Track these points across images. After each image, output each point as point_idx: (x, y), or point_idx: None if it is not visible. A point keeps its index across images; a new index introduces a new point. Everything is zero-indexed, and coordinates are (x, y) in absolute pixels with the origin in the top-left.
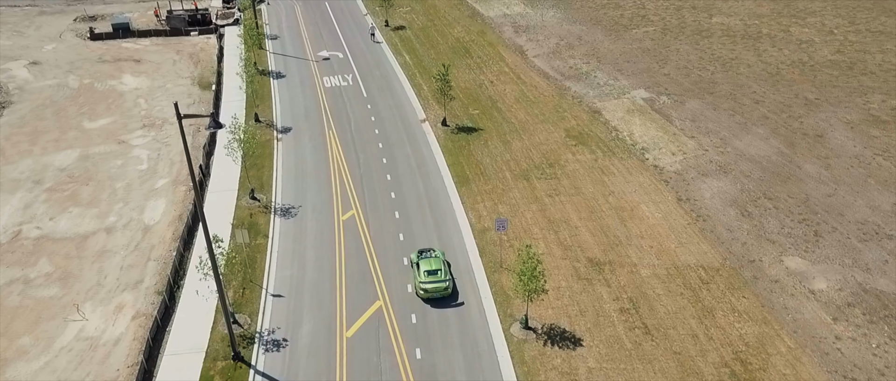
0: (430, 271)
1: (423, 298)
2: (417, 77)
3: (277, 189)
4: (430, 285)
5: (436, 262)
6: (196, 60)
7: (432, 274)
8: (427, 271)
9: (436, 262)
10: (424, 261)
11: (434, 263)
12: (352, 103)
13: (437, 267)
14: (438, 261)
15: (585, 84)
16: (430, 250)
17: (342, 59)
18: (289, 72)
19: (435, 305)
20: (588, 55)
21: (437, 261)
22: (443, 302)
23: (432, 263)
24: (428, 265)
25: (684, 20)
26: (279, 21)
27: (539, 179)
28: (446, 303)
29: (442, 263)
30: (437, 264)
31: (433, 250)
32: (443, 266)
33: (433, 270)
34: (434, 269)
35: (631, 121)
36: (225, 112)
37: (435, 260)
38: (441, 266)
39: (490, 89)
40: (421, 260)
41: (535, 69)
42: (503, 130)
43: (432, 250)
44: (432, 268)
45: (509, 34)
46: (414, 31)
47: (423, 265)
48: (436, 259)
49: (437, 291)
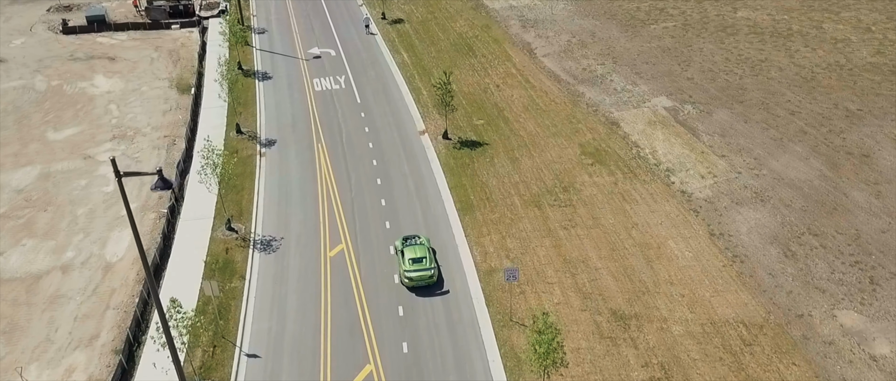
0: (414, 259)
1: (408, 286)
2: (416, 80)
3: (258, 216)
4: (415, 273)
5: (421, 249)
6: (176, 58)
7: (417, 262)
8: (412, 259)
9: (421, 249)
10: (409, 248)
11: (419, 250)
12: (344, 111)
13: (422, 255)
14: (423, 248)
15: (601, 89)
16: (415, 237)
17: (334, 57)
18: (276, 72)
19: (421, 293)
20: (603, 55)
21: (422, 248)
22: (430, 294)
23: (417, 250)
24: (413, 253)
25: (707, 14)
26: (268, 12)
27: (552, 205)
28: (431, 292)
29: (427, 250)
30: (422, 251)
31: (418, 237)
32: (428, 254)
33: (418, 257)
34: (419, 256)
35: (653, 135)
36: (204, 121)
37: (420, 248)
38: (426, 254)
39: (496, 95)
40: (405, 248)
41: (545, 71)
42: (511, 145)
43: (417, 237)
44: (417, 256)
45: (516, 29)
46: (413, 24)
47: (407, 253)
48: (421, 246)
49: (422, 279)
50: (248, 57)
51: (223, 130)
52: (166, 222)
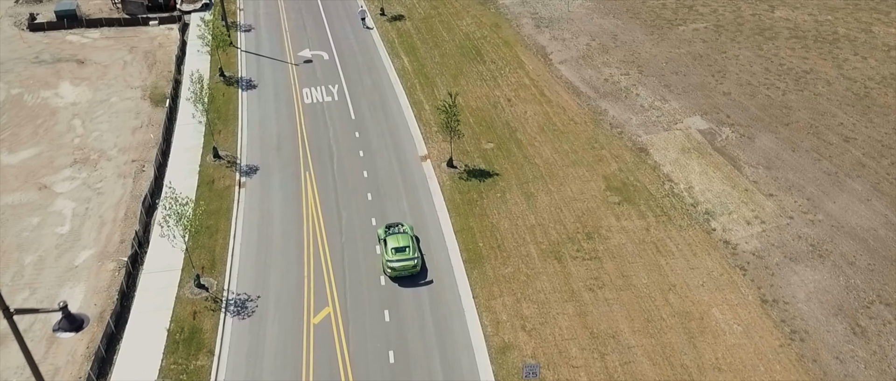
0: (397, 249)
1: (391, 276)
2: (417, 90)
3: (233, 269)
4: (398, 263)
5: (404, 238)
6: (151, 61)
7: (400, 251)
8: (395, 248)
9: (404, 238)
10: (392, 237)
11: (402, 239)
12: (336, 129)
13: (406, 244)
14: (407, 237)
15: (625, 106)
16: (398, 225)
17: (327, 61)
18: (262, 79)
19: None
20: (626, 62)
21: (406, 237)
22: (412, 283)
23: (400, 239)
24: (395, 242)
25: (741, 14)
26: (256, 6)
27: (575, 258)
28: (415, 281)
29: (410, 238)
30: (405, 240)
31: (401, 224)
32: (411, 243)
33: (401, 246)
34: (402, 246)
35: (687, 165)
36: (178, 142)
37: (403, 236)
38: (409, 243)
39: (507, 111)
40: (389, 236)
41: (562, 81)
42: (525, 176)
43: (400, 225)
44: (400, 245)
45: (529, 30)
46: (414, 22)
47: (390, 242)
48: (404, 235)
49: (406, 269)
50: (231, 61)
51: (199, 152)
52: (127, 274)
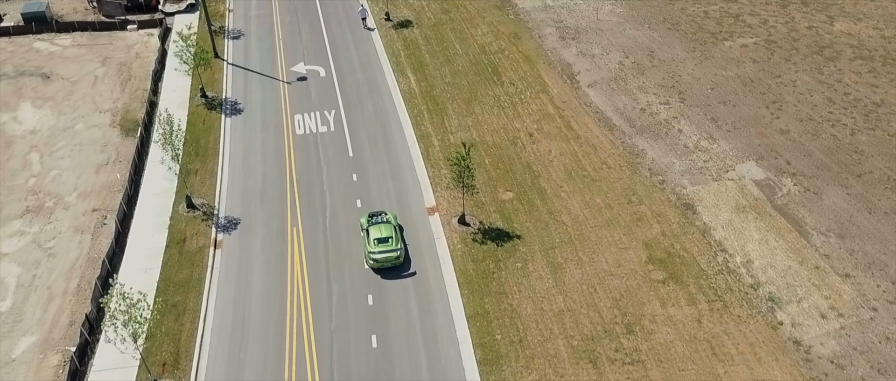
0: (380, 239)
1: (374, 267)
2: (425, 120)
3: (200, 365)
4: (381, 254)
5: (386, 228)
6: (126, 77)
7: (383, 242)
8: (377, 238)
9: (386, 228)
10: (375, 227)
11: (385, 229)
12: (331, 170)
13: (389, 234)
14: (389, 227)
15: (666, 145)
16: (381, 213)
17: (324, 78)
18: (250, 101)
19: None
20: (666, 87)
21: (389, 227)
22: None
23: (383, 229)
24: (378, 232)
25: (795, 27)
26: (248, 7)
27: (613, 361)
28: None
29: (393, 229)
30: (387, 230)
31: (384, 214)
32: (394, 233)
33: (384, 237)
34: (385, 236)
35: (743, 230)
36: (148, 186)
37: (386, 226)
38: (392, 233)
39: (528, 149)
40: (371, 226)
41: (592, 110)
42: (551, 239)
43: (383, 214)
44: (383, 235)
45: (553, 42)
46: (423, 30)
47: (372, 232)
48: (386, 225)
49: (389, 260)
50: (215, 77)
51: (171, 199)
52: (72, 372)
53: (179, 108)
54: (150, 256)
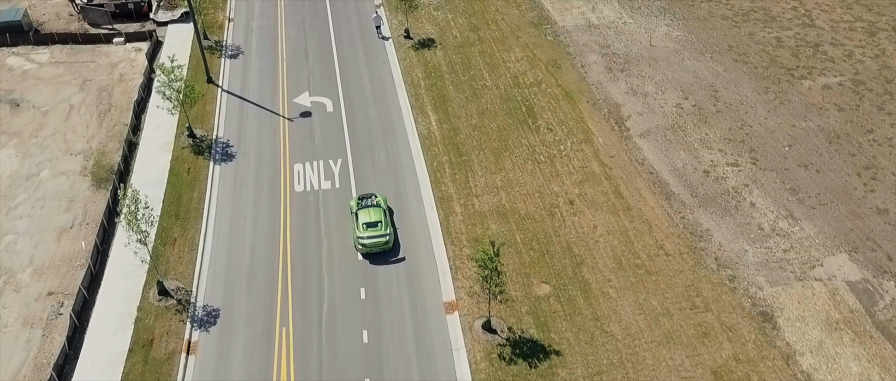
0: (369, 224)
1: (362, 252)
2: (446, 177)
3: None
4: (369, 239)
5: (375, 212)
6: (105, 105)
7: (372, 226)
8: (366, 223)
9: (375, 212)
10: (364, 211)
11: (374, 213)
12: (333, 244)
13: (378, 219)
14: (379, 211)
15: (737, 224)
16: (371, 196)
17: (331, 114)
18: (244, 144)
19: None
20: (733, 141)
21: (378, 211)
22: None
23: (372, 213)
24: (367, 216)
25: (887, 61)
26: (249, 18)
27: None
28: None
29: (383, 213)
30: (377, 214)
31: (374, 196)
32: (383, 217)
33: (373, 222)
34: (374, 221)
35: (838, 358)
36: (115, 261)
37: (375, 210)
38: (382, 217)
39: (568, 224)
40: (360, 210)
41: (645, 170)
42: (597, 361)
43: (373, 196)
44: (372, 220)
45: (598, 73)
46: (447, 52)
47: (361, 216)
48: (376, 209)
49: (377, 246)
50: (207, 109)
51: (141, 280)
52: None
53: (162, 150)
54: (107, 365)
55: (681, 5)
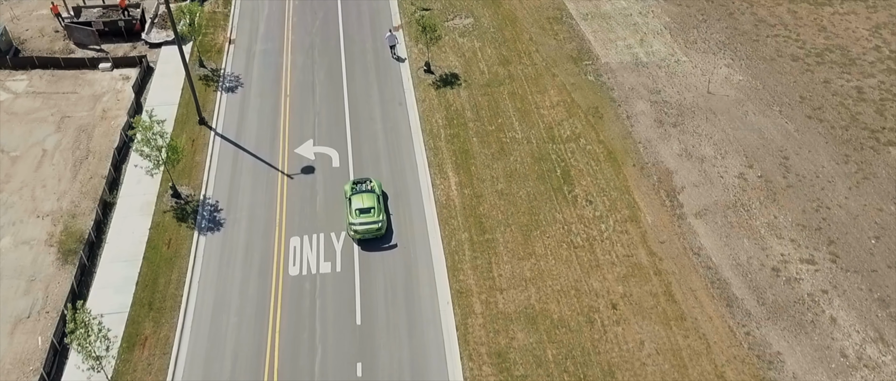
0: (362, 210)
1: (355, 239)
2: (465, 262)
3: None
4: (362, 226)
5: (369, 198)
6: (83, 151)
7: (364, 212)
8: (359, 209)
9: (369, 198)
10: (357, 197)
11: (367, 199)
12: (327, 351)
13: (371, 205)
14: (372, 197)
15: (813, 347)
16: (366, 181)
17: (337, 173)
18: (234, 206)
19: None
20: (809, 228)
21: (371, 197)
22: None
23: (365, 199)
24: (360, 202)
25: None
26: (252, 40)
27: None
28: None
29: (376, 199)
30: (370, 200)
31: (369, 181)
32: (377, 204)
33: (366, 208)
34: (367, 207)
35: None
36: (71, 372)
37: (368, 196)
38: (375, 203)
39: (610, 338)
40: (353, 195)
41: (702, 263)
42: None
43: (368, 181)
44: (365, 206)
45: (647, 128)
46: (473, 92)
47: (354, 202)
48: (369, 194)
49: (370, 232)
50: (196, 158)
51: None
52: None
53: (141, 213)
54: None
55: (743, 40)
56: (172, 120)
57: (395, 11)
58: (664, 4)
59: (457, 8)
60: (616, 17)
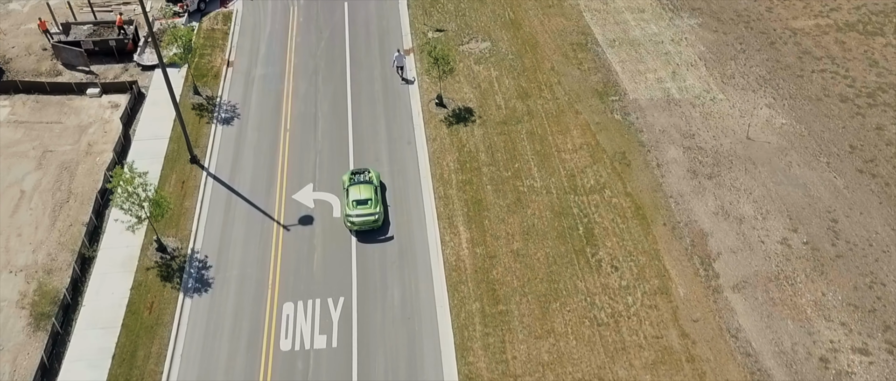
0: (359, 201)
1: (351, 230)
2: (476, 339)
3: None
4: (359, 217)
5: (366, 189)
6: (64, 193)
7: (362, 204)
8: (356, 200)
9: (366, 189)
10: (354, 187)
11: (365, 190)
12: None
13: (368, 196)
14: (370, 188)
15: None
16: (364, 172)
17: (337, 225)
18: (224, 263)
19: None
20: (861, 309)
21: (369, 188)
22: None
23: (362, 190)
24: (357, 193)
25: None
26: (252, 61)
27: None
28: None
29: (374, 190)
30: (367, 191)
31: (367, 171)
32: (374, 195)
33: (363, 199)
34: (364, 198)
35: None
36: None
37: (366, 187)
38: (372, 195)
39: None
40: (351, 186)
41: (739, 348)
42: None
43: (367, 171)
44: (362, 197)
45: (679, 180)
46: (488, 130)
47: (352, 193)
48: (367, 186)
49: (366, 224)
50: (185, 204)
51: None
52: None
53: (123, 270)
54: None
55: (786, 75)
56: (162, 158)
57: (407, 32)
58: (699, 30)
59: (473, 29)
60: (646, 43)
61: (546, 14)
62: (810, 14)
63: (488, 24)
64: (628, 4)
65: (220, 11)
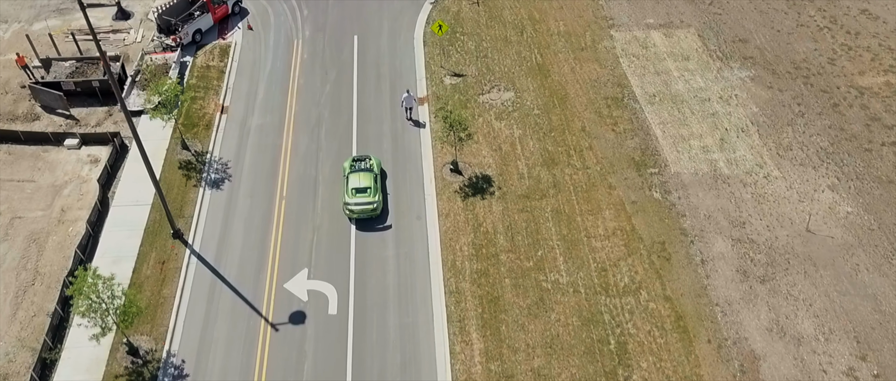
0: (358, 189)
1: (350, 218)
2: None
3: None
4: (357, 206)
5: (366, 177)
6: (30, 274)
7: (361, 192)
8: (355, 188)
9: (366, 177)
10: (354, 175)
11: (364, 178)
12: None
13: (367, 184)
14: (369, 176)
15: None
16: (365, 159)
17: (332, 323)
18: (201, 373)
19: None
20: None
21: (368, 176)
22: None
23: (362, 178)
24: (357, 181)
25: None
26: (249, 108)
27: None
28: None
29: (373, 178)
30: (367, 179)
31: (368, 159)
32: (373, 183)
33: (362, 187)
34: (363, 186)
35: None
36: None
37: (365, 175)
38: (371, 183)
39: None
40: (351, 174)
41: None
42: None
43: (368, 159)
44: (361, 185)
45: (727, 283)
46: (508, 205)
47: (351, 180)
48: (366, 174)
49: (365, 212)
50: (163, 292)
51: None
52: None
53: (87, 375)
54: None
55: (852, 148)
56: (141, 230)
57: (422, 75)
58: (751, 86)
59: (496, 75)
60: (690, 101)
61: (578, 59)
62: (880, 69)
63: (513, 69)
64: (671, 50)
65: (217, 44)
